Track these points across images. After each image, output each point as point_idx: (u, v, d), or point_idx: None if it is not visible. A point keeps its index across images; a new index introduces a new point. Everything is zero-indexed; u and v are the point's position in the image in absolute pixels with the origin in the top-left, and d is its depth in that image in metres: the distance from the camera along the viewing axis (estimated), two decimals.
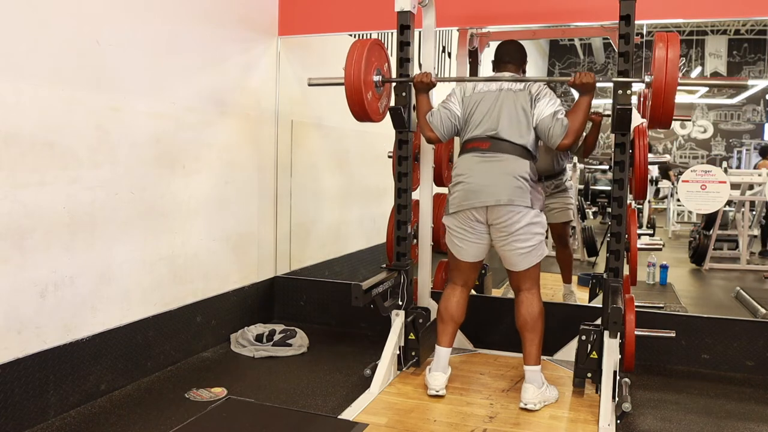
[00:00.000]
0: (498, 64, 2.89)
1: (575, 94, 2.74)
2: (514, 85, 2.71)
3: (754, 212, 6.32)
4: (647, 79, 2.47)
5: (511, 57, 2.86)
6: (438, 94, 2.99)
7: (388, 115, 2.98)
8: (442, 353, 2.78)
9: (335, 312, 3.81)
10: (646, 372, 3.11)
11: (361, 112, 2.85)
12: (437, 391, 2.68)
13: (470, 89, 2.79)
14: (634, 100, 2.71)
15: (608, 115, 3.05)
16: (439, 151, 3.93)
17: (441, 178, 4.03)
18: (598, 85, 2.55)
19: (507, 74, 2.79)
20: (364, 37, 4.47)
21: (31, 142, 2.30)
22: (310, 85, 3.03)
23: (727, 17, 3.40)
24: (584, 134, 4.09)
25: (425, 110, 2.85)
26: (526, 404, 2.56)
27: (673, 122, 2.54)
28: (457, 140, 3.46)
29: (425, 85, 2.83)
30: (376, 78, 2.88)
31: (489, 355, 3.27)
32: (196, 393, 2.70)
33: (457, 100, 2.80)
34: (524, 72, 2.91)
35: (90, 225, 2.57)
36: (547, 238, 5.97)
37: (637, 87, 2.81)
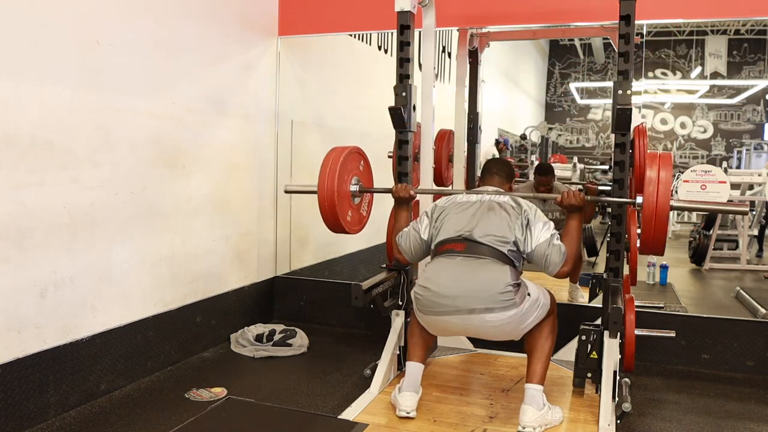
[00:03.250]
0: (483, 176, 2.76)
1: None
2: (497, 197, 2.54)
3: (754, 212, 6.32)
4: (639, 200, 2.39)
5: (498, 169, 2.73)
6: (442, 96, 2.95)
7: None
8: (414, 370, 2.54)
9: (335, 312, 3.81)
10: (646, 372, 3.11)
11: (337, 226, 2.72)
12: (408, 413, 2.45)
13: (444, 203, 2.61)
14: (635, 100, 2.68)
15: (604, 186, 3.09)
16: (440, 151, 3.93)
17: (441, 178, 4.03)
18: (598, 84, 2.54)
19: (490, 188, 2.64)
20: (364, 37, 4.50)
21: (31, 142, 2.30)
22: (286, 192, 2.92)
23: (727, 17, 3.40)
24: None
25: (400, 227, 2.72)
26: (524, 428, 2.35)
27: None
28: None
29: (403, 200, 2.75)
30: (354, 188, 2.78)
31: (489, 355, 3.27)
32: (196, 393, 2.70)
33: (427, 219, 2.60)
34: (510, 190, 2.74)
35: (90, 225, 2.57)
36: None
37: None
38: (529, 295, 2.40)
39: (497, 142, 6.73)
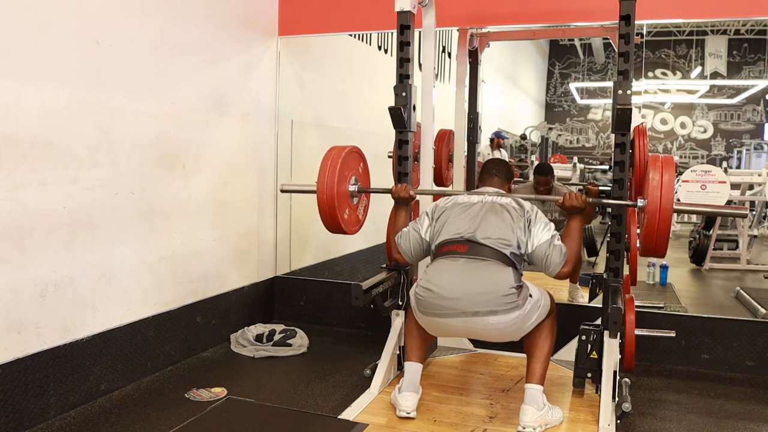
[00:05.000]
0: (483, 177, 2.75)
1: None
2: (499, 198, 2.55)
3: (754, 212, 6.32)
4: (640, 203, 2.40)
5: (497, 170, 2.73)
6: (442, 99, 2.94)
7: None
8: (413, 370, 2.53)
9: (335, 312, 3.81)
10: (646, 372, 3.11)
11: (335, 226, 2.73)
12: (408, 413, 2.44)
13: (444, 203, 2.61)
14: (635, 100, 2.68)
15: (604, 187, 3.11)
16: (439, 151, 3.93)
17: (441, 178, 4.03)
18: (598, 84, 2.54)
19: (491, 189, 2.65)
20: (364, 37, 4.50)
21: (31, 142, 2.30)
22: (282, 191, 2.96)
23: (727, 17, 3.41)
24: None
25: (399, 227, 2.71)
26: (524, 428, 2.34)
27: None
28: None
29: (403, 200, 2.75)
30: (352, 188, 2.78)
31: (489, 355, 3.27)
32: (196, 393, 2.70)
33: (428, 219, 2.60)
34: (509, 190, 2.76)
35: (90, 225, 2.57)
36: None
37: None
38: (531, 296, 2.40)
39: (491, 140, 6.67)
